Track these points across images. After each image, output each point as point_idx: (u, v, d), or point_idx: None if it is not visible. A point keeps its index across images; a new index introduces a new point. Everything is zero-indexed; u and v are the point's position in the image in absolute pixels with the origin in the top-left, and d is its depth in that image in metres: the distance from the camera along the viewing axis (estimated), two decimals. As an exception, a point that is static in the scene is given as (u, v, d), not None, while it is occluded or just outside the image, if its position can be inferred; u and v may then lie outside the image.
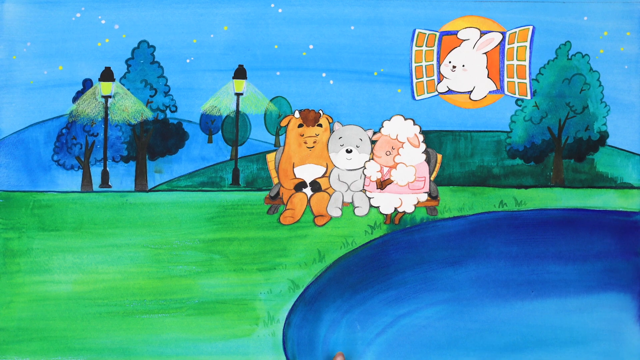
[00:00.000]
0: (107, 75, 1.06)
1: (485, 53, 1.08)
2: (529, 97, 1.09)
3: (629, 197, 1.09)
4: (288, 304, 1.07)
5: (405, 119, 1.08)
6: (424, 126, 1.08)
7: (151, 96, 1.07)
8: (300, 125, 1.08)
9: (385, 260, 1.07)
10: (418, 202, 1.08)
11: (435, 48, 1.08)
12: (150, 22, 1.06)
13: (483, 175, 1.09)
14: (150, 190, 1.07)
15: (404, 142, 1.08)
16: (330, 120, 1.08)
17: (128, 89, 1.07)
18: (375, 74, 1.08)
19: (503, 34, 1.08)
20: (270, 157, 1.08)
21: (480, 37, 1.08)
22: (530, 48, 1.08)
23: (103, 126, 1.07)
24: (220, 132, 1.07)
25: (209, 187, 1.07)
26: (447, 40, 1.08)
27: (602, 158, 1.09)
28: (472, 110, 1.09)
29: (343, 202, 1.08)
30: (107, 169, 1.07)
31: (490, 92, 1.09)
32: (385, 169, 1.08)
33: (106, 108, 1.07)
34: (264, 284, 1.07)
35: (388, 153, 1.08)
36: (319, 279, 1.06)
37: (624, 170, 1.09)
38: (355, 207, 1.08)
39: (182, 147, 1.07)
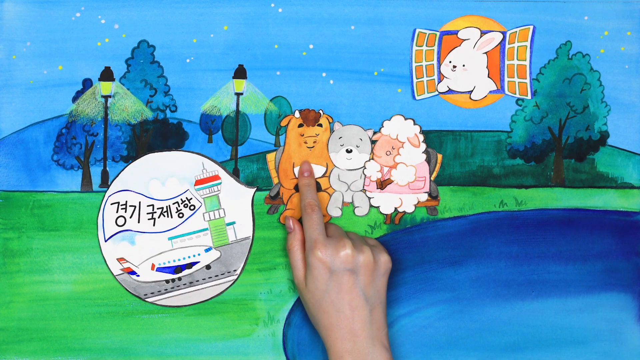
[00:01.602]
0: (107, 75, 1.06)
1: (485, 53, 1.08)
2: (529, 97, 1.08)
3: (629, 197, 1.09)
4: (288, 304, 1.07)
5: (406, 119, 1.08)
6: (424, 126, 1.08)
7: (151, 96, 1.07)
8: (300, 125, 1.07)
9: (385, 260, 1.06)
10: (418, 202, 1.08)
11: (435, 48, 1.08)
12: (150, 22, 1.06)
13: (483, 175, 1.09)
14: (150, 190, 1.07)
15: (404, 142, 1.08)
16: (330, 120, 1.07)
17: (128, 89, 1.06)
18: (376, 73, 1.07)
19: (503, 33, 1.08)
20: (270, 157, 1.08)
21: (481, 36, 1.08)
22: (530, 48, 1.08)
23: (103, 126, 1.06)
24: (220, 132, 1.07)
25: (209, 187, 1.07)
26: (448, 40, 1.08)
27: (602, 158, 1.09)
28: (472, 110, 1.08)
29: (343, 202, 1.08)
30: (107, 168, 1.07)
31: (490, 91, 1.08)
32: (385, 169, 1.08)
33: (106, 108, 1.06)
34: (264, 284, 1.07)
35: (388, 153, 1.08)
36: (319, 279, 1.06)
37: (625, 170, 1.09)
38: (355, 207, 1.08)
39: (182, 147, 1.07)
